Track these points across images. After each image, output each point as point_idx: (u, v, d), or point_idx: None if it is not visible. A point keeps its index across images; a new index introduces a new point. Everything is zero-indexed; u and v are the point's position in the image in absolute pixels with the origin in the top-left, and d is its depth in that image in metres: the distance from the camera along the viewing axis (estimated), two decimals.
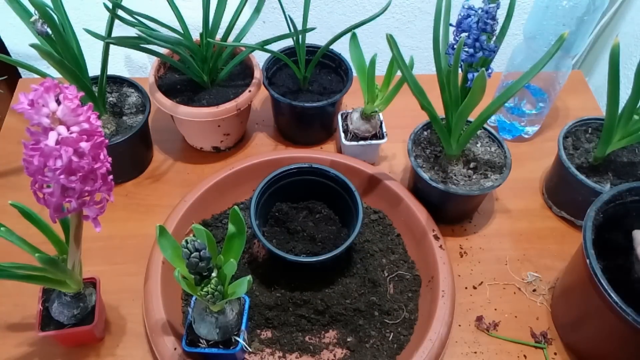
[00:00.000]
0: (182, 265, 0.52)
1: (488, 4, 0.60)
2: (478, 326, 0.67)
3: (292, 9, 1.05)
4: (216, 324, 0.57)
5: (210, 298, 0.52)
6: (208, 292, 0.52)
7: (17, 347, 0.63)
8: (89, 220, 0.46)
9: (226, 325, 0.57)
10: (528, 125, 0.88)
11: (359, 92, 0.80)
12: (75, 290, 0.58)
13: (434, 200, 0.73)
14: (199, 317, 0.57)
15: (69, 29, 0.70)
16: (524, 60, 0.81)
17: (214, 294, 0.52)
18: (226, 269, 0.54)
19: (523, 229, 0.78)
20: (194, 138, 0.85)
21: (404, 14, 1.10)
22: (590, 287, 0.57)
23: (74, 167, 0.41)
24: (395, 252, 0.72)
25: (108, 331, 0.66)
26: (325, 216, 0.73)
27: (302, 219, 0.72)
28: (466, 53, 0.63)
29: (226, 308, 0.57)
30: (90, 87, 0.74)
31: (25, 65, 0.71)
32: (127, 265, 0.71)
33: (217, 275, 0.53)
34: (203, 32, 0.78)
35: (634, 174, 0.74)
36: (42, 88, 0.39)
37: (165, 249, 0.53)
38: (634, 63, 1.01)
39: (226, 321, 0.57)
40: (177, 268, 0.51)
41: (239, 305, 0.60)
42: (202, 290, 0.52)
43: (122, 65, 1.15)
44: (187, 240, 0.50)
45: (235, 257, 0.55)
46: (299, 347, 0.64)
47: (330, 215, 0.73)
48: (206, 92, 0.82)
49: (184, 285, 0.52)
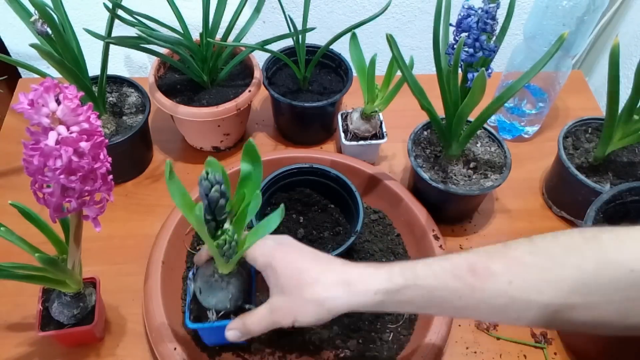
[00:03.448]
0: (192, 214, 0.46)
1: (488, 4, 0.60)
2: (478, 326, 0.67)
3: (292, 9, 1.05)
4: (228, 289, 0.53)
5: (226, 250, 0.48)
6: (225, 242, 0.48)
7: (17, 347, 0.63)
8: (89, 220, 0.46)
9: (238, 290, 0.53)
10: (528, 125, 0.88)
11: (359, 92, 0.80)
12: (75, 290, 0.58)
13: (434, 200, 0.73)
14: (206, 285, 0.53)
15: (69, 29, 0.70)
16: (524, 60, 0.81)
17: (230, 244, 0.48)
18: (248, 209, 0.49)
19: (523, 229, 0.78)
20: (194, 138, 0.85)
21: (404, 14, 1.10)
22: None
23: (74, 167, 0.41)
24: (395, 252, 0.72)
25: (108, 331, 0.66)
26: (325, 216, 0.73)
27: (302, 219, 0.72)
28: (466, 53, 0.63)
29: (236, 272, 0.53)
30: (90, 87, 0.74)
31: (25, 65, 0.71)
32: (127, 265, 0.71)
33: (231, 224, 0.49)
34: (203, 32, 0.78)
35: (634, 174, 0.74)
36: (42, 88, 0.39)
37: (174, 195, 0.48)
38: (634, 63, 1.01)
39: (238, 285, 0.53)
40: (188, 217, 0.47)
41: (246, 269, 0.56)
42: (220, 239, 0.47)
43: (122, 65, 1.15)
44: (208, 171, 0.45)
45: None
46: (299, 347, 0.64)
47: (330, 215, 0.73)
48: (206, 92, 0.82)
49: (202, 228, 0.46)
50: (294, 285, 0.49)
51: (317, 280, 0.48)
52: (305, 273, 0.49)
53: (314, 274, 0.49)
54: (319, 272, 0.49)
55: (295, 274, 0.49)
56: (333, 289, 0.47)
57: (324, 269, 0.49)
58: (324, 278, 0.48)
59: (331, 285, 0.48)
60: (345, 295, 0.47)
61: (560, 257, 0.41)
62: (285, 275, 0.49)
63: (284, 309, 0.49)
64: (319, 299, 0.47)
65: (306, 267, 0.49)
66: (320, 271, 0.49)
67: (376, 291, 0.46)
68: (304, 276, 0.49)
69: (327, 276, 0.48)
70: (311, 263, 0.50)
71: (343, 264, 0.49)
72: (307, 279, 0.48)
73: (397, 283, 0.46)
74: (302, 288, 0.48)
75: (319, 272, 0.49)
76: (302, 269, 0.49)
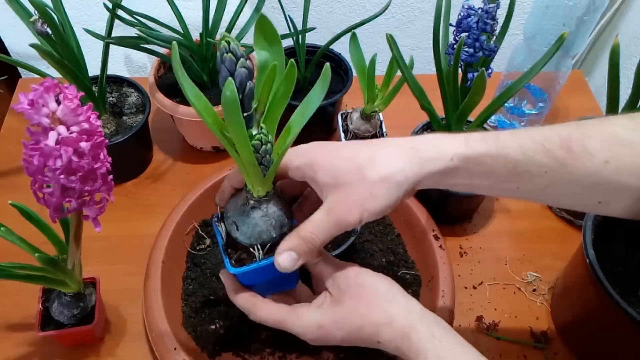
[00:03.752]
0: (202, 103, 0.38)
1: (488, 4, 0.60)
2: (478, 326, 0.67)
3: (292, 9, 1.05)
4: (268, 215, 0.43)
5: (263, 153, 0.40)
6: (261, 142, 0.39)
7: (17, 347, 0.63)
8: (89, 220, 0.46)
9: (281, 214, 0.43)
10: (528, 125, 0.88)
11: (359, 92, 0.80)
12: (75, 290, 0.58)
13: (434, 200, 0.73)
14: (242, 217, 0.43)
15: (69, 29, 0.70)
16: (524, 60, 0.81)
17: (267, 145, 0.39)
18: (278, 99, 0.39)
19: (523, 228, 0.78)
20: (194, 138, 0.85)
21: (404, 14, 1.10)
22: (590, 287, 0.57)
23: (74, 167, 0.41)
24: (395, 252, 0.72)
25: (108, 331, 0.66)
26: None
27: None
28: (466, 53, 0.63)
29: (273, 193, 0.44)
30: (90, 87, 0.74)
31: (25, 65, 0.71)
32: (127, 265, 0.71)
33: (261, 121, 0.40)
34: (203, 32, 0.78)
35: None
36: (42, 88, 0.39)
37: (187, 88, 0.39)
38: (634, 63, 1.01)
39: (279, 208, 0.43)
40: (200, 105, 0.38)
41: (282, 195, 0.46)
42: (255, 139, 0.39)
43: (122, 65, 1.15)
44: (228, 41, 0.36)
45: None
46: (299, 347, 0.64)
47: None
48: (206, 92, 0.82)
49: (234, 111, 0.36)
50: (350, 171, 0.40)
51: (377, 156, 0.41)
52: (360, 154, 0.41)
53: (370, 152, 0.41)
54: (375, 149, 0.41)
55: (347, 159, 0.41)
56: (399, 160, 0.40)
57: (379, 145, 0.42)
58: (384, 152, 0.41)
59: (396, 156, 0.40)
60: (416, 162, 0.40)
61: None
62: (335, 166, 0.41)
63: (345, 202, 0.40)
64: (386, 174, 0.40)
65: (357, 150, 0.42)
66: (376, 148, 0.42)
67: (453, 156, 0.40)
68: (359, 158, 0.41)
69: (387, 149, 0.41)
70: (361, 145, 0.42)
71: (402, 138, 0.42)
72: (364, 160, 0.41)
73: (477, 150, 0.40)
74: (361, 170, 0.40)
75: (376, 149, 0.41)
76: (353, 153, 0.42)
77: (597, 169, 0.37)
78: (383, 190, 0.40)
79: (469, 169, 0.40)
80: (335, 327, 0.43)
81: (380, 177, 0.40)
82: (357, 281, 0.43)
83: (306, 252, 0.41)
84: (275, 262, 0.42)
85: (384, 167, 0.40)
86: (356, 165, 0.40)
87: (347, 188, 0.40)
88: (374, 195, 0.40)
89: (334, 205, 0.41)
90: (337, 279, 0.44)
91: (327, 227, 0.41)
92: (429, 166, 0.40)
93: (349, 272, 0.44)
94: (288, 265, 0.41)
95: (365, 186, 0.40)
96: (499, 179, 0.40)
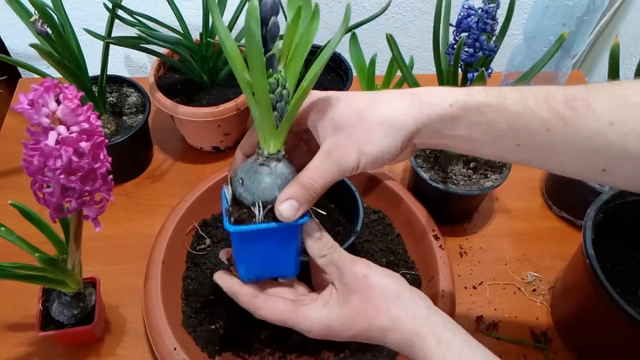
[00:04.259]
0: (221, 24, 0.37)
1: (488, 4, 0.60)
2: (478, 326, 0.67)
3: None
4: (276, 174, 0.42)
5: (278, 95, 0.40)
6: (278, 83, 0.39)
7: (17, 347, 0.63)
8: (89, 220, 0.46)
9: (287, 176, 0.43)
10: None
11: None
12: (75, 290, 0.58)
13: (434, 200, 0.73)
14: (249, 173, 0.42)
15: (69, 29, 0.70)
16: (524, 60, 0.81)
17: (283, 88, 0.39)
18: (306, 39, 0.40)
19: (523, 229, 0.78)
20: (194, 138, 0.85)
21: (404, 14, 1.10)
22: (590, 287, 0.57)
23: (74, 167, 0.41)
24: (395, 252, 0.72)
25: (108, 331, 0.66)
26: (325, 216, 0.73)
27: None
28: (466, 53, 0.63)
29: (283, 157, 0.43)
30: (90, 87, 0.74)
31: (25, 65, 0.71)
32: (127, 265, 0.71)
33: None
34: (203, 32, 0.78)
35: None
36: (42, 88, 0.39)
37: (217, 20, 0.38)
38: (634, 63, 1.01)
39: (287, 172, 0.43)
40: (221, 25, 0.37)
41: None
42: (272, 77, 0.39)
43: (122, 65, 1.15)
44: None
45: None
46: (299, 347, 0.64)
47: (330, 215, 0.73)
48: (206, 92, 0.82)
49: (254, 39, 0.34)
50: (349, 115, 0.40)
51: (376, 101, 0.40)
52: (359, 99, 0.41)
53: (369, 97, 0.41)
54: (374, 95, 0.41)
55: (346, 104, 0.41)
56: (399, 103, 0.40)
57: (379, 93, 0.42)
58: (383, 97, 0.41)
59: (396, 100, 0.40)
60: (415, 106, 0.39)
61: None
62: (335, 110, 0.41)
63: (342, 145, 0.40)
64: (385, 116, 0.39)
65: (356, 96, 0.42)
66: (376, 94, 0.41)
67: (452, 102, 0.39)
68: (358, 102, 0.41)
69: (387, 95, 0.41)
70: (361, 93, 0.42)
71: (402, 89, 0.42)
72: (362, 103, 0.41)
73: (478, 99, 0.39)
74: (359, 113, 0.40)
75: (375, 95, 0.41)
76: (352, 98, 0.41)
77: (601, 129, 0.36)
78: (381, 133, 0.39)
79: (468, 118, 0.39)
80: (342, 328, 0.43)
81: (378, 120, 0.39)
82: (365, 283, 0.43)
83: (307, 199, 0.41)
84: (276, 212, 0.41)
85: (383, 110, 0.40)
86: (354, 109, 0.40)
87: (345, 131, 0.40)
88: (371, 138, 0.39)
89: (331, 148, 0.40)
90: (345, 275, 0.43)
91: (326, 172, 0.40)
92: (427, 111, 0.39)
93: (358, 271, 0.43)
94: (289, 215, 0.41)
95: (362, 129, 0.40)
96: (499, 134, 0.39)
